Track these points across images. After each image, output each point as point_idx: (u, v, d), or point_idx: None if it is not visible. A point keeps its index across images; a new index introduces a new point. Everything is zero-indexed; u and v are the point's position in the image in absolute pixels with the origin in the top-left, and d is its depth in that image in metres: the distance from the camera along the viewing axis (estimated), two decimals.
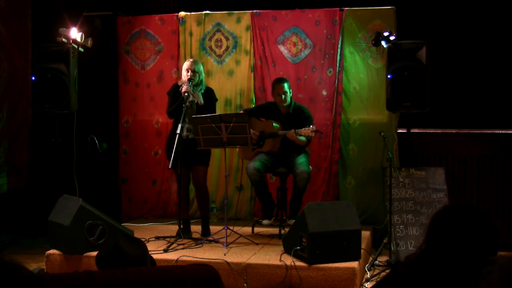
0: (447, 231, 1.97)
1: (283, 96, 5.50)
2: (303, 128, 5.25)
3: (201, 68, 5.45)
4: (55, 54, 5.86)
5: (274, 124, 5.51)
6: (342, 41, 6.14)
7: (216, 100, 5.57)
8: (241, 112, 5.62)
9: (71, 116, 6.06)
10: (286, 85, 5.51)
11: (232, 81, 6.43)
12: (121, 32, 6.69)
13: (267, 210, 5.57)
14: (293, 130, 5.26)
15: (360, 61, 6.13)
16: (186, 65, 5.39)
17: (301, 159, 5.42)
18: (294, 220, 5.22)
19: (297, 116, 5.52)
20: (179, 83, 5.45)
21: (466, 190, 6.11)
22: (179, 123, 5.08)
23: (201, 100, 5.31)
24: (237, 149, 5.79)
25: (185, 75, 5.35)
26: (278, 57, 6.33)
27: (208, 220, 5.55)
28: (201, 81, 5.41)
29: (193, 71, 5.34)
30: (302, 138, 5.34)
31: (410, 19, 6.22)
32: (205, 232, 5.45)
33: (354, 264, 4.43)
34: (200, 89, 5.39)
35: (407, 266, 2.05)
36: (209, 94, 5.47)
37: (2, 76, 6.08)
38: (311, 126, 5.26)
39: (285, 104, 5.54)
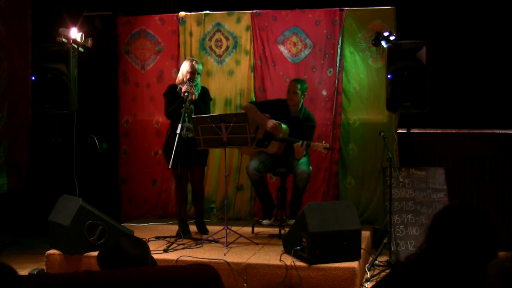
0: (448, 231, 1.97)
1: (292, 93, 5.50)
2: (317, 143, 5.28)
3: (200, 68, 5.48)
4: (55, 54, 5.86)
5: (283, 126, 5.48)
6: (342, 41, 6.14)
7: (211, 99, 5.61)
8: (242, 112, 5.61)
9: (71, 116, 6.06)
10: (299, 86, 5.51)
11: (232, 81, 6.43)
12: (121, 32, 6.69)
13: (267, 210, 5.57)
14: (304, 142, 5.26)
15: (360, 61, 6.13)
16: (187, 66, 5.37)
17: (302, 159, 5.42)
18: (294, 220, 5.22)
19: (303, 122, 5.53)
20: (177, 84, 5.45)
21: (466, 190, 6.11)
22: (178, 123, 5.08)
23: (195, 95, 5.31)
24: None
25: (185, 74, 5.35)
26: (278, 57, 6.33)
27: (202, 218, 5.59)
28: (197, 83, 5.43)
29: (198, 73, 5.36)
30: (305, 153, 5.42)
31: (410, 19, 6.22)
32: (203, 230, 5.47)
33: (354, 264, 4.43)
34: (198, 90, 5.40)
35: (407, 266, 2.05)
36: (205, 93, 5.51)
37: (2, 76, 6.08)
38: (323, 142, 5.29)
39: (293, 104, 5.53)
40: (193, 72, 5.33)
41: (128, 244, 2.42)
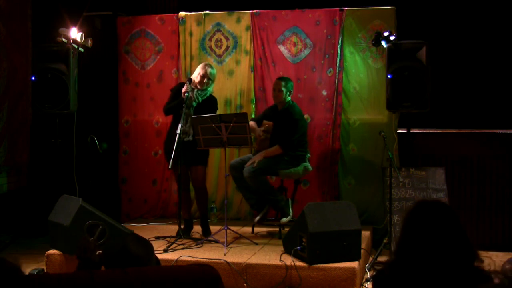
0: (411, 229, 1.99)
1: (278, 91, 5.50)
2: (257, 128, 5.46)
3: (214, 73, 5.42)
4: (55, 54, 5.86)
5: (264, 121, 5.60)
6: (342, 41, 6.14)
7: (216, 108, 5.52)
8: (242, 112, 5.65)
9: (71, 116, 6.06)
10: (282, 84, 5.50)
11: (232, 81, 6.43)
12: (121, 32, 6.69)
13: (252, 206, 5.56)
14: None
15: (360, 61, 6.13)
16: (200, 69, 5.32)
17: (269, 159, 5.38)
18: (284, 219, 5.34)
19: (281, 115, 5.51)
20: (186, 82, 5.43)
21: (466, 190, 6.11)
22: (178, 123, 5.08)
23: (195, 97, 5.31)
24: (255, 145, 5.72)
25: (196, 76, 5.32)
26: (278, 57, 6.33)
27: (207, 220, 5.55)
28: (206, 88, 5.38)
29: (210, 78, 5.33)
30: (269, 149, 5.43)
31: (410, 19, 6.22)
32: (206, 232, 5.45)
33: (354, 264, 4.43)
34: (204, 95, 5.38)
35: (388, 268, 2.07)
36: (211, 102, 5.44)
37: (2, 76, 6.08)
38: (266, 125, 5.42)
39: (279, 101, 5.54)
40: (203, 76, 5.30)
41: (134, 244, 2.43)
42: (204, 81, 5.30)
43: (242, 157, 5.64)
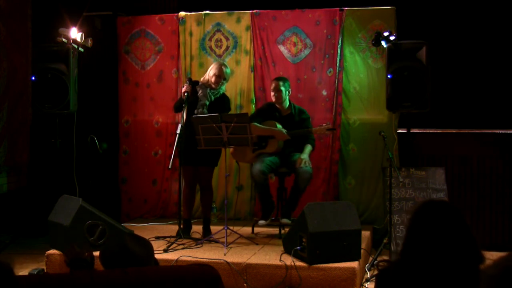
0: (420, 231, 1.98)
1: (273, 93, 5.51)
2: (318, 127, 5.39)
3: (229, 72, 5.44)
4: (55, 54, 5.87)
5: (277, 125, 5.50)
6: (342, 41, 6.14)
7: (229, 109, 5.50)
8: (243, 112, 5.62)
9: (71, 116, 6.06)
10: (280, 83, 5.50)
11: (232, 81, 6.41)
12: (121, 32, 6.69)
13: (266, 211, 5.52)
14: (306, 130, 5.46)
15: (360, 61, 6.13)
16: (215, 69, 5.31)
17: (304, 157, 5.40)
18: (287, 220, 5.27)
19: (299, 116, 5.53)
20: (201, 82, 5.42)
21: (466, 190, 6.11)
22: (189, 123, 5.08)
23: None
24: (231, 150, 5.64)
25: (211, 76, 5.31)
26: (278, 57, 6.33)
27: (209, 222, 5.54)
28: (220, 87, 5.36)
29: (225, 78, 5.33)
30: (307, 150, 5.46)
31: (410, 19, 6.22)
32: (206, 233, 5.43)
33: (354, 264, 4.43)
34: (217, 93, 5.37)
35: (392, 268, 2.06)
36: (224, 101, 5.42)
37: (2, 76, 6.07)
38: (323, 124, 5.41)
39: (279, 102, 5.54)
40: (219, 76, 5.29)
41: (133, 244, 2.42)
42: (220, 81, 5.30)
43: (263, 160, 5.41)
